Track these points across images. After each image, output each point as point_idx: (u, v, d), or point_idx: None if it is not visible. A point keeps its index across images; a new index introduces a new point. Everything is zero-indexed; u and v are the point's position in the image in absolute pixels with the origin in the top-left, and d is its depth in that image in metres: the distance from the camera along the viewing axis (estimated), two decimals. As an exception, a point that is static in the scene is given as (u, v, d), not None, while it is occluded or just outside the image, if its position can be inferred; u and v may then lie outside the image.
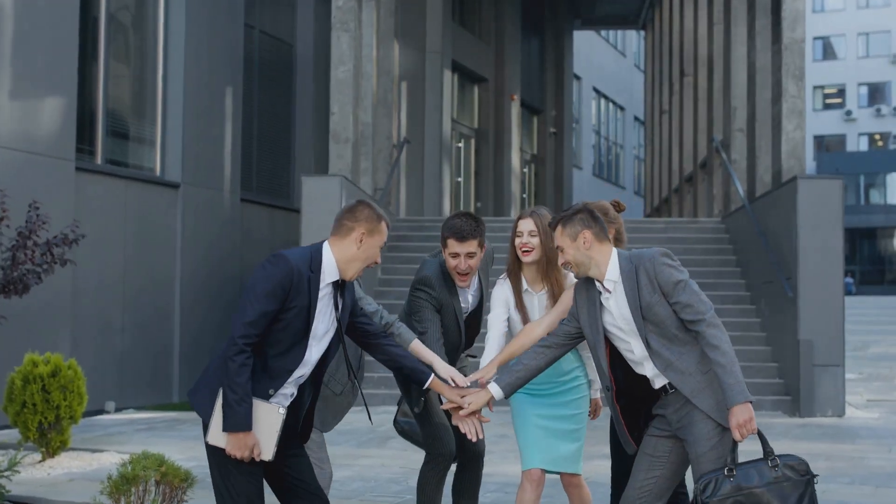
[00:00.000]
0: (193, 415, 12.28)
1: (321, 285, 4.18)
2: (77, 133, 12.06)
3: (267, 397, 4.10)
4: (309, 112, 17.03)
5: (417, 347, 5.03)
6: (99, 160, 12.85)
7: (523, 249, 5.09)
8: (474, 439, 4.86)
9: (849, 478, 8.48)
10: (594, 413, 5.52)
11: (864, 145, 68.96)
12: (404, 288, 15.33)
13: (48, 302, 11.20)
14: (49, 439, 8.72)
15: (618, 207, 5.39)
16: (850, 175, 59.81)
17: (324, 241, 4.28)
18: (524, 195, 27.61)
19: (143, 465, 6.48)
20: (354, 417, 12.06)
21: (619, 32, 41.32)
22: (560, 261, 4.58)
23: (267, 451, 4.06)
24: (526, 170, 28.16)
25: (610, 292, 4.50)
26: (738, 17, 16.79)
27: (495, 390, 4.74)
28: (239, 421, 3.98)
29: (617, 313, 4.49)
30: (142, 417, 12.18)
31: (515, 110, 25.69)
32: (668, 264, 4.43)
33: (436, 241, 17.21)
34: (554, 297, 5.13)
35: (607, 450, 9.73)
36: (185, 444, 9.68)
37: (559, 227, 4.55)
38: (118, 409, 12.68)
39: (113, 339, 12.75)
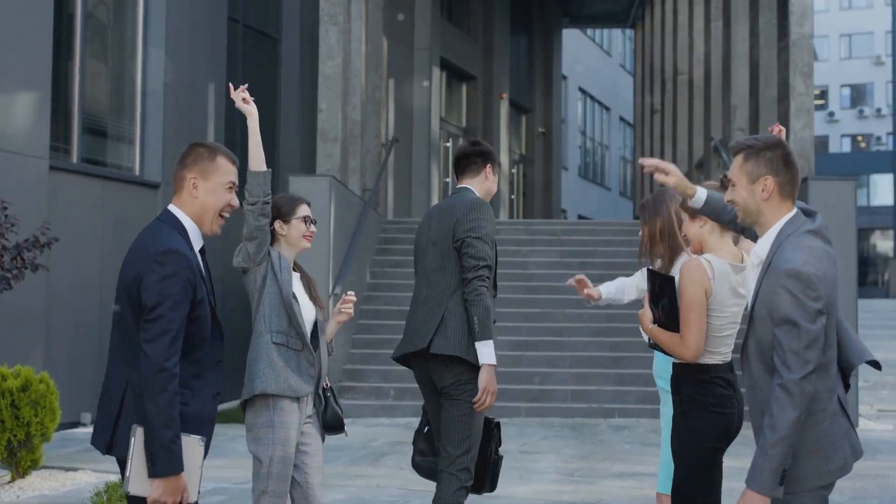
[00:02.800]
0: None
1: (199, 259, 3.71)
2: (51, 130, 11.45)
3: (212, 410, 3.67)
4: (295, 110, 16.41)
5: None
6: (74, 159, 12.24)
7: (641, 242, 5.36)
8: None
9: (877, 500, 7.96)
10: None
11: (846, 147, 69.07)
12: (393, 293, 14.77)
13: (19, 309, 10.56)
14: (19, 458, 8.14)
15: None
16: (832, 177, 59.87)
17: (169, 207, 3.75)
18: (512, 196, 27.08)
19: (119, 494, 5.92)
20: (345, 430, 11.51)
21: (605, 32, 40.91)
22: (727, 196, 3.71)
23: (193, 492, 3.59)
24: (514, 170, 27.62)
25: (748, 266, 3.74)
26: (738, 13, 16.28)
27: None
28: (175, 462, 3.47)
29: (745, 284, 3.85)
30: (119, 431, 11.52)
31: (504, 109, 25.16)
32: (789, 291, 3.45)
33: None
34: (669, 263, 5.16)
35: (619, 467, 9.17)
36: (165, 462, 9.04)
37: (740, 157, 3.62)
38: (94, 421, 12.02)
39: (89, 347, 12.11)
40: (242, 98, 4.74)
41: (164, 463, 3.44)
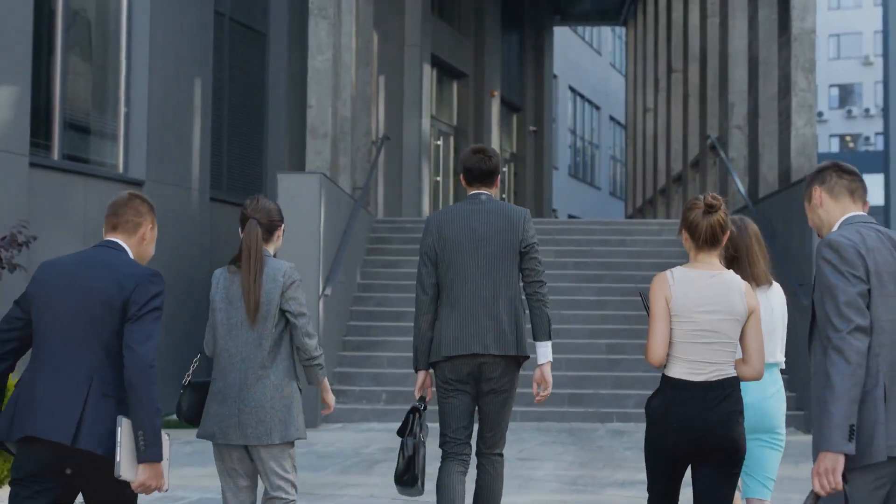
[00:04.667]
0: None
1: None
2: (31, 126, 11.05)
3: None
4: (283, 106, 16.03)
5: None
6: (56, 155, 11.84)
7: None
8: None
9: None
10: None
11: (835, 147, 69.00)
12: (384, 293, 14.42)
13: (-2, 311, 10.17)
14: (-6, 469, 7.74)
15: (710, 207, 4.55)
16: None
17: (112, 241, 4.14)
18: (504, 195, 26.75)
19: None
20: (336, 437, 11.12)
21: (595, 31, 40.62)
22: None
23: (167, 481, 3.97)
24: (506, 169, 27.28)
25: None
26: (736, 8, 15.96)
27: None
28: (161, 450, 3.89)
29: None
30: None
31: (495, 107, 24.82)
32: (826, 260, 3.67)
33: (416, 243, 16.31)
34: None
35: (621, 475, 8.84)
36: (149, 470, 8.65)
37: None
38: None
39: (71, 349, 11.71)
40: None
41: (155, 450, 3.84)
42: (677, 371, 4.39)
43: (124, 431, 3.81)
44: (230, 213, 15.02)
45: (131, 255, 4.13)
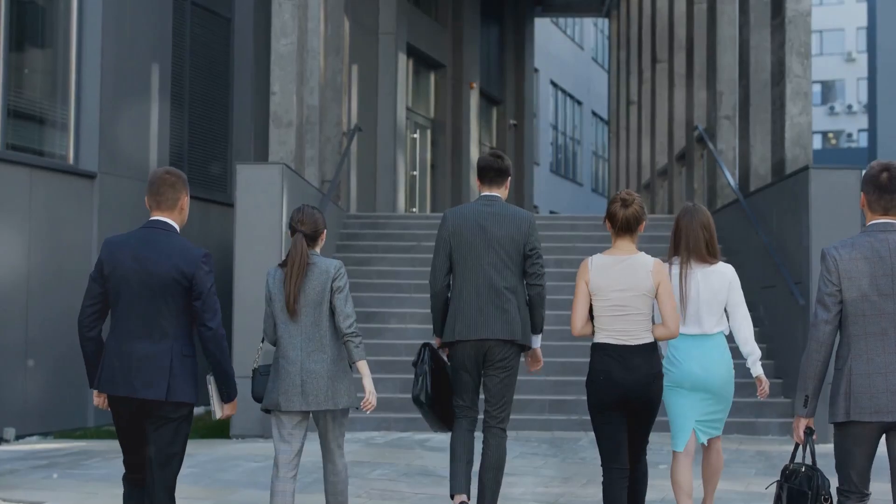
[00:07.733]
0: (104, 445, 10.39)
1: None
2: (-30, 113, 10.25)
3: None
4: (248, 95, 15.19)
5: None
6: (-2, 145, 11.04)
7: None
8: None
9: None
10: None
11: (817, 144, 68.68)
12: (355, 293, 13.58)
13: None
14: None
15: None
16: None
17: (161, 222, 5.07)
18: (483, 191, 25.96)
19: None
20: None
21: (577, 25, 39.90)
22: None
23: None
24: (486, 164, 26.46)
25: None
26: (725, -8, 15.22)
27: None
28: (236, 390, 5.19)
29: None
30: (44, 449, 10.29)
31: (474, 100, 24.04)
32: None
33: (389, 239, 15.54)
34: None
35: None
36: (87, 489, 7.83)
37: None
38: (19, 437, 10.84)
39: (14, 352, 10.93)
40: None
41: (234, 391, 5.16)
42: (601, 338, 5.54)
43: (213, 386, 5.10)
44: (193, 207, 14.16)
45: (178, 230, 5.09)
